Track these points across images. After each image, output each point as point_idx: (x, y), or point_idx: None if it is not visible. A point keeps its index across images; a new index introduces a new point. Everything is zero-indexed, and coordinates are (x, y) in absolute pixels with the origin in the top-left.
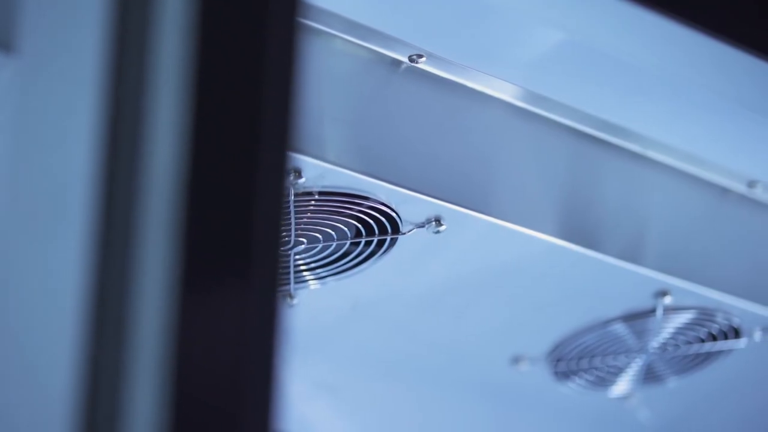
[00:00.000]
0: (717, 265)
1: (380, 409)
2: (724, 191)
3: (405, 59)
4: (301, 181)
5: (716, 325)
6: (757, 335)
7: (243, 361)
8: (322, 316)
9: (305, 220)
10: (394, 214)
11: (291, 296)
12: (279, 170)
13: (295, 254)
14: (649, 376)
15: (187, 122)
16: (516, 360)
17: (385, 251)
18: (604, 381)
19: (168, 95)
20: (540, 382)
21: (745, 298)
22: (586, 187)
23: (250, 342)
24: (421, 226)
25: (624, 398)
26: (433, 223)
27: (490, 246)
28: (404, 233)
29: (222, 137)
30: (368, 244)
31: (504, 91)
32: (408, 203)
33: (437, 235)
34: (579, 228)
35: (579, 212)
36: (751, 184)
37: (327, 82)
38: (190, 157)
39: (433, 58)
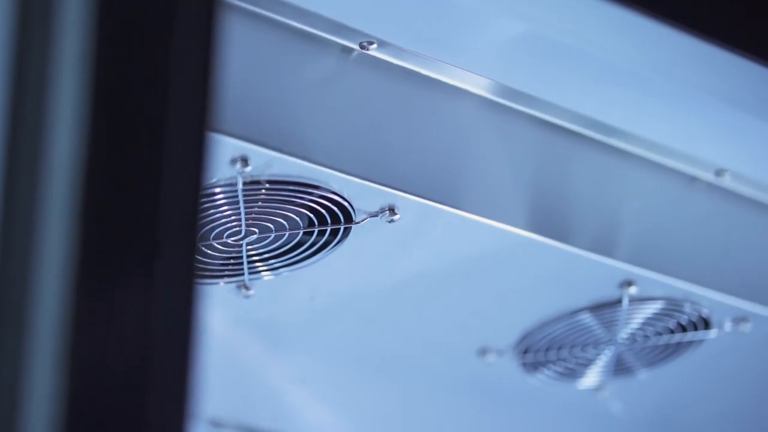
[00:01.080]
0: (685, 255)
1: (349, 401)
2: (692, 180)
3: (356, 46)
4: (248, 169)
5: (685, 316)
6: (728, 326)
7: (147, 357)
8: (282, 307)
9: (256, 209)
10: (346, 204)
11: (246, 287)
12: (192, 155)
13: (247, 244)
14: (620, 367)
15: (90, 106)
16: (483, 351)
17: (339, 241)
18: (574, 372)
19: (70, 74)
20: (508, 373)
21: (715, 288)
22: (549, 177)
23: (155, 337)
24: (375, 215)
25: (595, 390)
26: (387, 212)
27: (449, 237)
28: (357, 222)
29: (126, 121)
30: (322, 233)
31: (461, 80)
32: (361, 192)
33: (396, 226)
34: (542, 218)
35: (542, 202)
36: (719, 172)
37: (274, 70)
38: (93, 142)
39: (385, 45)
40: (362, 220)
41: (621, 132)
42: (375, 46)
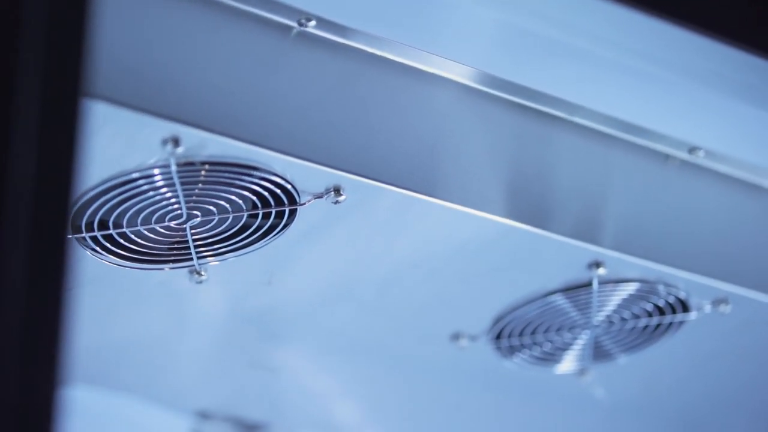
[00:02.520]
0: (661, 235)
1: (327, 388)
2: (666, 158)
3: (294, 24)
4: (180, 150)
5: (661, 299)
6: (707, 307)
7: None
8: (240, 292)
9: (197, 191)
10: (289, 186)
11: (198, 272)
12: (53, 128)
13: (192, 228)
14: (600, 352)
15: None
16: (456, 336)
17: (286, 224)
18: (552, 357)
19: None
20: (484, 358)
21: (691, 268)
22: (511, 158)
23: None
24: (320, 196)
25: (577, 375)
26: (332, 193)
27: (401, 219)
28: (302, 204)
29: None
30: (267, 216)
31: (406, 57)
32: (303, 173)
33: (349, 210)
34: (507, 201)
35: (506, 184)
36: (692, 150)
37: (209, 50)
38: None
39: (324, 22)
40: (307, 202)
41: (591, 112)
42: (313, 23)
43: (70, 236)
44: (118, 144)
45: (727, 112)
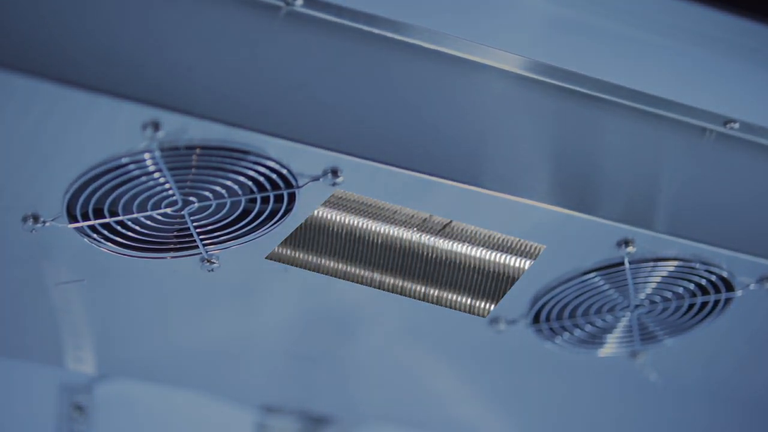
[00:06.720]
0: (698, 211)
1: (367, 375)
2: (703, 132)
3: (282, 3)
4: (160, 134)
5: (703, 278)
6: (752, 285)
7: None
8: (258, 281)
9: (191, 177)
10: (284, 170)
11: (209, 261)
12: None
13: (191, 215)
14: (646, 333)
15: None
16: (494, 320)
17: (288, 207)
18: (595, 339)
19: None
20: (524, 340)
21: (730, 245)
22: (529, 134)
23: None
24: (317, 178)
25: (625, 357)
26: (330, 175)
27: (401, 199)
28: (299, 187)
29: None
30: (266, 201)
31: (396, 31)
32: (299, 156)
33: (337, 188)
34: (526, 179)
35: (524, 161)
36: (727, 123)
37: (192, 30)
38: None
39: (311, 0)
40: (304, 184)
41: (623, 89)
42: (300, 2)
43: (68, 226)
44: (101, 130)
45: (760, 84)
